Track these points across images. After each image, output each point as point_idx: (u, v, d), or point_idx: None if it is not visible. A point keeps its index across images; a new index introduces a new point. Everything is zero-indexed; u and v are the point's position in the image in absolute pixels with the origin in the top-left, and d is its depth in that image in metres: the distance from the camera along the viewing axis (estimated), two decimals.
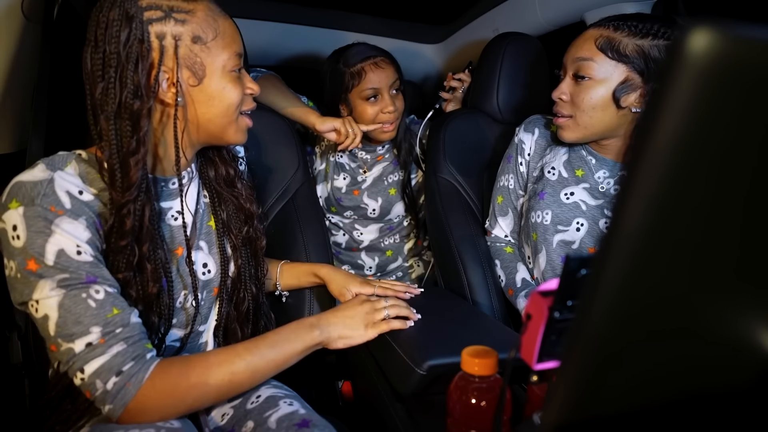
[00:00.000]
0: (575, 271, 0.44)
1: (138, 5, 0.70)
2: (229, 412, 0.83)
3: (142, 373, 0.66)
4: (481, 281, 1.21)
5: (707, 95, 0.26)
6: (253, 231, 0.93)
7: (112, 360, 0.65)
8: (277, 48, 1.83)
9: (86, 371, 0.65)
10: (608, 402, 0.36)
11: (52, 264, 0.64)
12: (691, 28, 0.25)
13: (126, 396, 0.65)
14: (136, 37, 0.69)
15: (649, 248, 0.29)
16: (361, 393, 1.12)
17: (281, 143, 1.27)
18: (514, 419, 0.66)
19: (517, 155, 1.22)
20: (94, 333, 0.65)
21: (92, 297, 0.66)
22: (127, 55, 0.69)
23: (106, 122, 0.70)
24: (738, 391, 0.37)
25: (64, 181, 0.67)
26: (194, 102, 0.76)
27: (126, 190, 0.70)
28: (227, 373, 0.73)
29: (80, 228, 0.67)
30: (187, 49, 0.73)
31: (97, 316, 0.65)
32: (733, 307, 0.33)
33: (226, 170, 0.91)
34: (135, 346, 0.67)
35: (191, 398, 0.70)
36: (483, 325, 0.97)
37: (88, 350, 0.65)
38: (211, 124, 0.79)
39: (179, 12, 0.72)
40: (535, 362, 0.50)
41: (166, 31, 0.71)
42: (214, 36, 0.75)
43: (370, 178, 1.49)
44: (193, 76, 0.75)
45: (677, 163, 0.27)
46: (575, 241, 1.08)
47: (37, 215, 0.65)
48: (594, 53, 1.00)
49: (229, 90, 0.77)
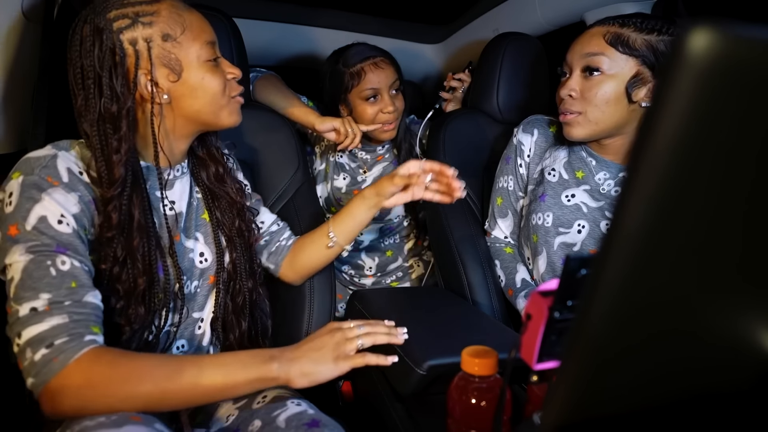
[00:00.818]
0: (575, 271, 0.44)
1: (106, 18, 0.74)
2: (234, 413, 0.83)
3: (72, 352, 0.63)
4: (481, 281, 1.21)
5: (708, 95, 0.26)
6: (244, 224, 0.95)
7: (49, 331, 0.63)
8: (277, 48, 1.83)
9: (22, 336, 0.64)
10: (608, 402, 0.36)
11: (30, 229, 0.66)
12: (691, 28, 0.25)
13: (49, 372, 0.62)
14: (107, 48, 0.74)
15: (649, 248, 0.29)
16: (361, 393, 1.12)
17: (281, 143, 1.27)
18: (514, 419, 0.66)
19: (516, 157, 1.21)
20: (41, 299, 0.64)
21: (56, 266, 0.66)
22: (102, 65, 0.74)
23: (90, 127, 0.74)
24: (738, 391, 0.37)
25: (68, 160, 0.72)
26: (179, 96, 0.79)
27: (110, 185, 0.73)
28: (162, 378, 0.66)
29: (71, 201, 0.70)
30: (159, 48, 0.76)
31: (52, 284, 0.65)
32: (734, 308, 0.33)
33: (216, 168, 0.94)
34: (78, 323, 0.65)
35: (115, 396, 0.64)
36: (483, 325, 0.97)
37: (31, 315, 0.64)
38: (202, 114, 0.82)
39: (145, 15, 0.76)
40: (535, 362, 0.50)
41: (136, 36, 0.75)
42: (182, 30, 0.78)
43: (370, 178, 1.49)
44: (171, 72, 0.78)
45: (678, 164, 0.27)
46: (576, 243, 1.08)
47: (33, 183, 0.68)
48: (604, 47, 0.99)
49: (209, 79, 0.80)
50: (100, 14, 0.74)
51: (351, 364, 0.76)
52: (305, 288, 1.12)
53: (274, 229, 1.07)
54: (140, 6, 0.76)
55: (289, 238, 1.08)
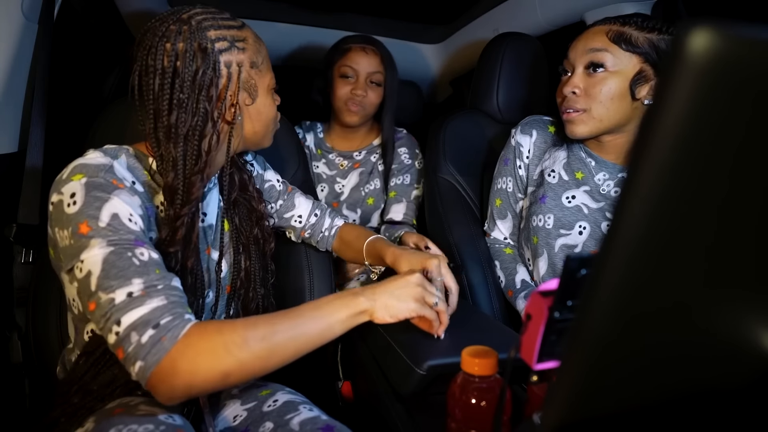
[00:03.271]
0: (575, 271, 0.44)
1: (208, 37, 0.75)
2: (243, 414, 0.83)
3: (178, 329, 0.63)
4: (481, 281, 1.21)
5: (708, 96, 0.26)
6: (261, 232, 0.97)
7: (152, 313, 0.63)
8: (277, 48, 1.83)
9: (123, 323, 0.63)
10: (608, 402, 0.36)
11: (104, 225, 0.66)
12: (691, 28, 0.25)
13: (160, 352, 0.62)
14: (209, 67, 0.75)
15: (649, 248, 0.29)
16: (361, 393, 1.12)
17: (281, 143, 1.27)
18: (514, 419, 0.66)
19: (515, 158, 1.21)
20: (135, 284, 0.64)
21: (137, 257, 0.66)
22: (201, 84, 0.74)
23: (175, 147, 0.74)
24: (738, 391, 0.37)
25: (121, 167, 0.73)
26: (248, 119, 0.84)
27: (186, 205, 0.75)
28: (268, 332, 0.67)
29: (136, 203, 0.71)
30: (246, 74, 0.80)
31: (140, 272, 0.65)
32: (734, 307, 0.33)
33: (240, 175, 0.96)
34: (175, 304, 0.65)
35: (227, 362, 0.64)
36: (483, 325, 0.97)
37: (129, 300, 0.63)
38: (256, 135, 0.87)
39: (239, 41, 0.79)
40: (535, 362, 0.50)
41: (232, 60, 0.78)
42: (263, 60, 0.84)
43: (348, 189, 1.51)
44: (249, 96, 0.82)
45: (678, 164, 0.27)
46: (578, 245, 1.08)
47: (99, 184, 0.68)
48: (607, 44, 1.00)
49: (269, 105, 0.86)
50: (199, 32, 0.74)
51: (425, 312, 0.78)
52: (305, 286, 1.12)
53: (312, 221, 1.10)
54: (234, 31, 0.79)
55: (331, 227, 1.10)
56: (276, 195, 1.08)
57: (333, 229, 1.10)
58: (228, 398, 0.88)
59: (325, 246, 1.11)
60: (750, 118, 0.27)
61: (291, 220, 1.09)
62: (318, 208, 1.11)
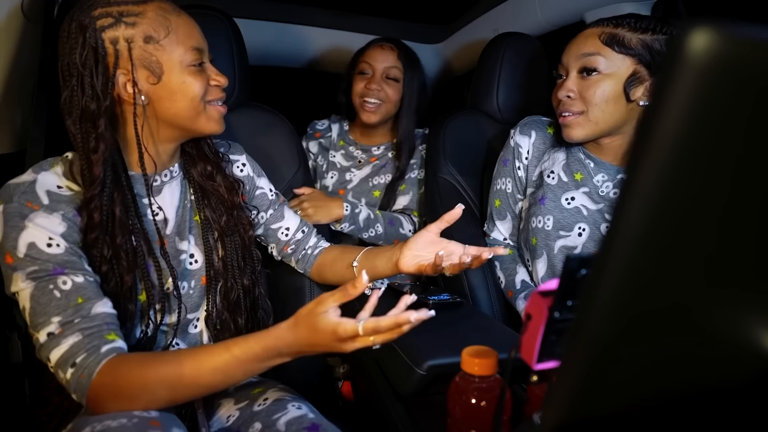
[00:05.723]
0: (575, 271, 0.44)
1: (90, 15, 0.74)
2: (235, 414, 0.83)
3: (93, 366, 0.67)
4: (481, 281, 1.21)
5: (707, 96, 0.26)
6: (234, 221, 0.94)
7: (68, 351, 0.68)
8: (277, 48, 1.83)
9: (51, 360, 0.68)
10: (608, 402, 0.36)
11: (22, 256, 0.69)
12: (691, 28, 0.25)
13: (82, 387, 0.67)
14: (89, 45, 0.74)
15: (648, 248, 0.29)
16: (361, 393, 1.12)
17: (281, 143, 1.27)
18: (514, 419, 0.66)
19: (514, 159, 1.21)
20: (53, 323, 0.68)
21: (59, 288, 0.69)
22: (84, 62, 0.74)
23: (73, 125, 0.75)
24: (738, 391, 0.37)
25: (47, 180, 0.73)
26: (158, 99, 0.79)
27: (90, 184, 0.74)
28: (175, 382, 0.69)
29: (55, 222, 0.71)
30: (140, 50, 0.76)
31: (59, 306, 0.69)
32: (734, 307, 0.33)
33: (205, 166, 0.93)
34: (91, 337, 0.68)
35: (138, 406, 0.67)
36: (483, 325, 0.97)
37: (50, 340, 0.68)
38: (178, 117, 0.81)
39: (129, 15, 0.76)
40: (535, 362, 0.50)
41: (118, 36, 0.75)
42: (166, 34, 0.77)
43: (357, 179, 1.51)
44: (151, 74, 0.77)
45: (677, 165, 0.27)
46: (577, 246, 1.08)
47: (14, 211, 0.70)
48: (600, 47, 1.00)
49: (190, 83, 0.80)
50: (85, 11, 0.74)
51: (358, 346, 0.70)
52: (305, 285, 1.12)
53: (299, 236, 1.07)
54: (126, 6, 0.76)
55: (315, 246, 1.07)
56: (267, 204, 1.04)
57: (317, 249, 1.07)
58: (223, 397, 0.89)
59: (303, 266, 1.07)
60: (749, 118, 0.27)
61: (278, 231, 1.06)
62: (306, 226, 1.08)
